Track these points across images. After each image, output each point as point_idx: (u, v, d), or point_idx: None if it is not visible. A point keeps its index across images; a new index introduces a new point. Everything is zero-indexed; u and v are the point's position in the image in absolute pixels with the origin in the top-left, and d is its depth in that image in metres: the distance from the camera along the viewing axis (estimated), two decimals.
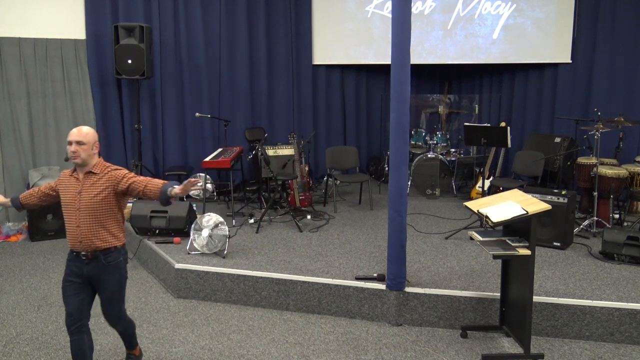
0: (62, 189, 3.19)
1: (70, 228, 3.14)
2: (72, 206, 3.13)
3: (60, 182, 3.23)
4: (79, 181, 3.15)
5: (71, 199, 3.14)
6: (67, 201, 3.15)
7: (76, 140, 3.10)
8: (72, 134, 3.13)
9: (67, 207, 3.15)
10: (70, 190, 3.16)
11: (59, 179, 3.25)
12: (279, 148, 7.17)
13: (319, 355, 3.82)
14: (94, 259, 3.14)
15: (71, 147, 3.10)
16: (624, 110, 6.26)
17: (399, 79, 3.98)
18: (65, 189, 3.17)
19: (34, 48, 6.44)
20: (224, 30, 7.44)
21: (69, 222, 3.14)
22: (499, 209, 3.62)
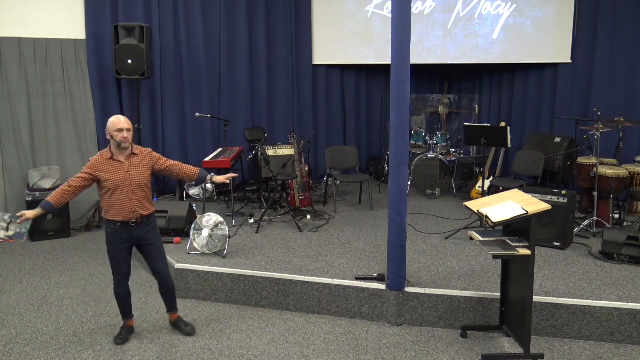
0: (104, 173, 3.67)
1: (122, 202, 3.70)
2: (123, 183, 3.69)
3: (97, 169, 3.68)
4: (123, 163, 3.72)
5: (121, 178, 3.69)
6: (115, 181, 3.68)
7: (127, 127, 3.69)
8: (121, 122, 3.68)
9: (117, 186, 3.68)
10: (117, 172, 3.70)
11: (94, 167, 3.68)
12: (279, 148, 7.17)
13: (319, 355, 3.82)
14: (140, 224, 3.80)
15: (123, 133, 3.66)
16: (624, 110, 6.26)
17: (399, 79, 3.98)
18: (109, 172, 3.68)
19: (34, 48, 6.44)
20: (224, 30, 7.44)
21: (120, 198, 3.69)
22: (499, 209, 3.62)
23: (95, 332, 4.14)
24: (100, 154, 3.75)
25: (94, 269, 5.45)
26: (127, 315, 4.05)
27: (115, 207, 3.71)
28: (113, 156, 3.73)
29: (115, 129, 3.68)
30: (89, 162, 3.71)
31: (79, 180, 3.67)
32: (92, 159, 3.72)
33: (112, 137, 3.72)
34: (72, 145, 6.74)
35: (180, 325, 4.13)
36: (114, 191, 3.69)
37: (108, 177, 3.68)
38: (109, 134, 3.73)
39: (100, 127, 6.86)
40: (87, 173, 3.68)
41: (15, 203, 6.49)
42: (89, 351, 3.85)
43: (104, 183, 3.68)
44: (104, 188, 3.70)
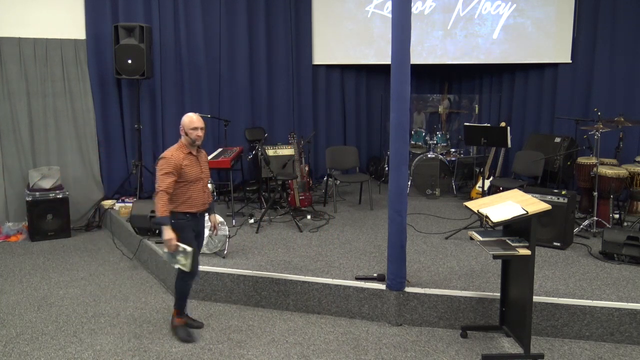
0: (185, 167, 3.83)
1: (197, 194, 3.91)
2: (199, 177, 3.92)
3: (180, 164, 3.80)
4: (196, 157, 3.92)
5: (198, 171, 3.91)
6: (194, 174, 3.88)
7: (201, 126, 3.86)
8: (195, 120, 3.84)
9: (195, 179, 3.88)
10: (195, 166, 3.90)
11: (177, 163, 3.78)
12: (279, 148, 7.18)
13: (319, 355, 3.82)
14: (201, 215, 4.04)
15: (197, 131, 3.83)
16: (624, 110, 6.27)
17: (399, 79, 3.98)
18: (189, 166, 3.85)
19: (34, 48, 6.44)
20: (224, 30, 7.44)
21: (196, 190, 3.90)
22: (499, 209, 3.62)
23: (95, 332, 4.14)
24: (177, 150, 3.84)
25: (94, 269, 5.45)
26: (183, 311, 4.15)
27: (191, 199, 3.87)
28: (190, 151, 3.89)
29: (191, 127, 3.83)
30: (168, 161, 3.77)
31: (171, 183, 3.76)
32: (171, 157, 3.79)
33: (186, 134, 3.85)
34: (72, 145, 6.74)
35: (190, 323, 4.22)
36: (192, 184, 3.86)
37: (189, 171, 3.83)
38: (184, 130, 3.85)
39: (100, 127, 6.87)
40: (173, 174, 3.77)
41: (15, 203, 6.49)
42: (89, 351, 3.85)
43: (184, 176, 3.82)
44: (181, 181, 3.82)
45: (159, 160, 3.84)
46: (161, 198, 3.73)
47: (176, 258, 3.84)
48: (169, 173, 3.76)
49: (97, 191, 6.90)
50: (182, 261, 3.85)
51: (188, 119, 3.86)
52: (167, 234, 3.75)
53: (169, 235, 3.75)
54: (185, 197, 3.86)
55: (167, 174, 3.75)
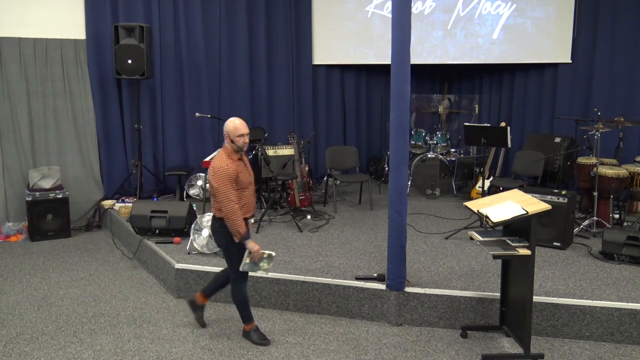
0: (239, 173, 3.74)
1: (248, 199, 3.84)
2: (250, 182, 3.86)
3: (235, 172, 3.69)
4: (244, 162, 3.86)
5: (248, 177, 3.85)
6: (246, 180, 3.81)
7: (247, 132, 3.75)
8: (241, 127, 3.72)
9: (247, 184, 3.82)
10: (245, 171, 3.83)
11: (234, 172, 3.68)
12: (279, 148, 7.17)
13: (319, 355, 3.82)
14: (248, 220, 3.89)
15: (244, 138, 3.73)
16: (624, 110, 6.27)
17: (399, 79, 3.98)
18: (242, 172, 3.77)
19: (34, 48, 6.44)
20: (224, 30, 7.44)
21: (248, 195, 3.84)
22: (499, 209, 3.62)
23: (95, 332, 4.14)
24: (227, 158, 3.71)
25: (94, 269, 5.45)
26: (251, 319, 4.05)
27: (245, 205, 3.80)
28: (240, 157, 3.81)
29: (238, 134, 3.71)
30: (225, 171, 3.64)
31: (234, 194, 3.67)
32: (225, 166, 3.65)
33: (232, 142, 3.73)
34: (72, 145, 6.74)
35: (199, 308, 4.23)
36: (243, 190, 3.78)
37: (242, 177, 3.76)
38: (229, 138, 3.72)
39: (100, 127, 6.86)
40: (233, 184, 3.67)
41: (15, 203, 6.49)
42: (89, 351, 3.85)
43: (238, 183, 3.73)
44: (237, 189, 3.72)
45: (215, 172, 3.67)
46: (237, 215, 3.64)
47: (259, 265, 3.84)
48: (230, 184, 3.64)
49: (97, 191, 6.90)
50: (265, 266, 3.86)
51: (233, 126, 3.72)
52: (252, 246, 3.74)
53: (255, 247, 3.75)
54: (241, 204, 3.75)
55: (229, 185, 3.64)
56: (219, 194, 3.66)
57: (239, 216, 3.66)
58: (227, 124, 3.75)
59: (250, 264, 3.81)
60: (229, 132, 3.72)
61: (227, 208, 3.64)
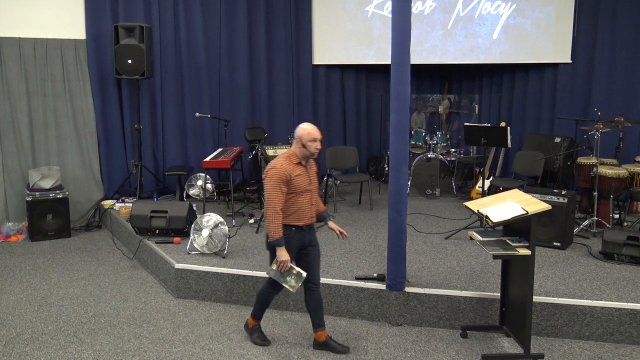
0: (295, 177, 3.61)
1: (305, 207, 3.69)
2: (308, 189, 3.70)
3: (290, 175, 3.58)
4: (306, 169, 3.71)
5: (307, 182, 3.69)
6: (303, 185, 3.66)
7: (320, 137, 3.65)
8: (315, 132, 3.62)
9: (304, 190, 3.67)
10: (304, 177, 3.68)
11: (286, 175, 3.56)
12: (279, 148, 7.17)
13: (319, 355, 3.82)
14: (310, 227, 3.78)
15: (316, 143, 3.63)
16: (624, 110, 6.27)
17: (399, 79, 3.98)
18: (299, 177, 3.63)
19: (34, 48, 6.44)
20: (224, 30, 7.44)
21: (305, 203, 3.68)
22: (499, 209, 3.62)
23: (95, 332, 4.14)
24: (286, 160, 3.61)
25: (94, 269, 5.45)
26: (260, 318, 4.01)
27: (298, 212, 3.65)
28: (301, 161, 3.67)
29: (310, 138, 3.60)
30: (279, 172, 3.54)
31: (281, 198, 3.56)
32: (281, 167, 3.56)
33: (304, 146, 3.62)
34: (72, 145, 6.74)
35: (332, 345, 3.86)
36: (300, 195, 3.63)
37: (298, 182, 3.61)
38: (301, 142, 3.61)
39: (100, 127, 6.86)
40: (282, 188, 3.55)
41: (15, 203, 6.49)
42: (89, 351, 3.85)
43: (293, 187, 3.60)
44: (290, 193, 3.60)
45: (267, 171, 3.59)
46: (276, 217, 3.53)
47: (285, 278, 3.68)
48: (279, 185, 3.53)
49: (97, 191, 6.90)
50: (291, 282, 3.69)
51: (306, 131, 3.60)
52: (282, 255, 3.58)
53: (285, 257, 3.59)
54: (293, 210, 3.63)
55: (277, 186, 3.53)
56: (265, 194, 3.59)
57: (278, 219, 3.54)
58: (300, 128, 3.63)
59: (276, 271, 3.66)
60: (302, 136, 3.60)
61: (268, 208, 3.54)
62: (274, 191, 3.54)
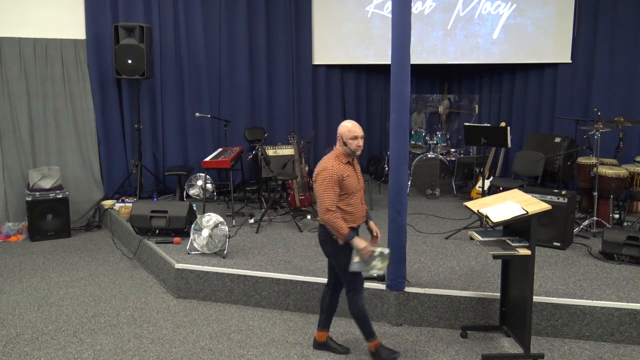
0: (346, 178, 3.51)
1: (357, 207, 3.59)
2: (357, 188, 3.60)
3: (341, 175, 3.48)
4: (354, 167, 3.61)
5: (357, 183, 3.60)
6: (354, 185, 3.56)
7: (362, 135, 3.54)
8: (356, 129, 3.51)
9: (355, 190, 3.57)
10: (354, 176, 3.58)
11: (339, 175, 3.47)
12: (279, 148, 7.17)
13: (319, 355, 3.82)
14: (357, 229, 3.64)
15: (358, 141, 3.51)
16: (624, 110, 6.26)
17: (399, 79, 3.98)
18: (349, 176, 3.54)
19: (34, 48, 6.44)
20: (224, 30, 7.44)
21: (356, 203, 3.58)
22: (499, 209, 3.62)
23: (95, 332, 4.14)
24: (335, 160, 3.52)
25: (94, 269, 5.45)
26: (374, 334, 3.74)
27: (350, 213, 3.54)
28: (349, 160, 3.58)
29: (351, 136, 3.50)
30: (331, 173, 3.44)
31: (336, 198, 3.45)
32: (332, 169, 3.45)
33: (344, 144, 3.53)
34: (72, 145, 6.74)
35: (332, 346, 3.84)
36: (351, 196, 3.53)
37: (349, 182, 3.51)
38: (342, 140, 3.53)
39: (100, 127, 6.86)
40: (335, 187, 3.44)
41: (15, 203, 6.49)
42: (89, 351, 3.85)
43: (344, 188, 3.49)
44: (341, 194, 3.49)
45: (318, 172, 3.50)
46: (335, 218, 3.42)
47: (370, 265, 3.51)
48: (332, 186, 3.42)
49: (97, 191, 6.90)
50: (378, 265, 3.53)
51: (347, 128, 3.52)
52: (360, 244, 3.45)
53: (362, 244, 3.46)
54: (346, 211, 3.51)
55: (330, 188, 3.42)
56: (318, 196, 3.47)
57: (337, 216, 3.44)
58: (341, 126, 3.56)
59: (359, 263, 3.47)
60: (342, 134, 3.53)
61: (324, 211, 3.44)
62: (327, 192, 3.43)
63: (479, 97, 8.43)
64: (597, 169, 5.57)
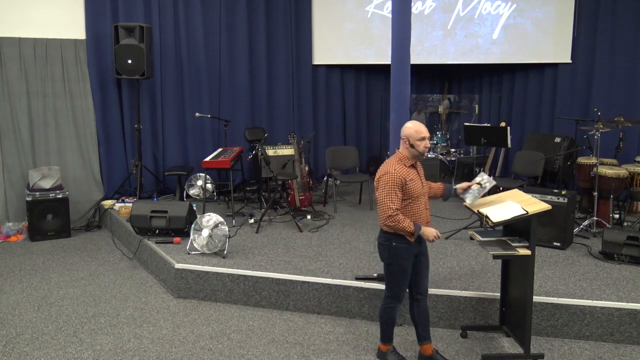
0: (410, 182, 3.38)
1: (420, 212, 3.46)
2: (421, 192, 3.47)
3: (405, 179, 3.36)
4: (417, 171, 3.49)
5: (421, 187, 3.47)
6: (418, 189, 3.43)
7: (428, 136, 3.42)
8: (424, 130, 3.39)
9: (419, 194, 3.45)
10: (417, 180, 3.46)
11: (403, 178, 3.35)
12: (279, 148, 7.17)
13: (319, 355, 3.82)
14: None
15: (425, 142, 3.39)
16: (624, 110, 6.26)
17: (399, 79, 3.99)
18: (413, 180, 3.41)
19: (34, 48, 6.44)
20: (224, 30, 7.44)
21: (420, 208, 3.46)
22: (499, 209, 3.62)
23: (95, 332, 4.14)
24: (398, 163, 3.39)
25: (94, 269, 5.45)
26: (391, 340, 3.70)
27: (413, 218, 3.41)
28: (413, 163, 3.45)
29: (419, 137, 3.36)
30: (393, 177, 3.31)
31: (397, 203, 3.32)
32: (394, 173, 3.33)
33: (412, 146, 3.39)
34: (72, 145, 6.74)
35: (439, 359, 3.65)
36: (415, 201, 3.41)
37: (413, 186, 3.38)
38: (408, 142, 3.39)
39: (100, 127, 6.86)
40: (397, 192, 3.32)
41: (15, 203, 6.49)
42: (89, 351, 3.85)
43: (408, 193, 3.37)
44: (405, 199, 3.37)
45: (379, 177, 3.38)
46: (398, 221, 3.30)
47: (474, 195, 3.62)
48: (395, 191, 3.30)
49: (97, 191, 6.90)
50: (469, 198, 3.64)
51: (414, 130, 3.37)
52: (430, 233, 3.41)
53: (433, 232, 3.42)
54: (409, 216, 3.39)
55: (393, 192, 3.30)
56: (379, 201, 3.35)
57: (400, 217, 3.31)
58: (406, 127, 3.42)
59: (471, 194, 3.63)
60: (409, 135, 3.37)
61: (385, 217, 3.32)
62: (388, 197, 3.31)
63: (479, 97, 8.44)
64: (597, 169, 5.57)
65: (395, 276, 3.51)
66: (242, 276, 4.60)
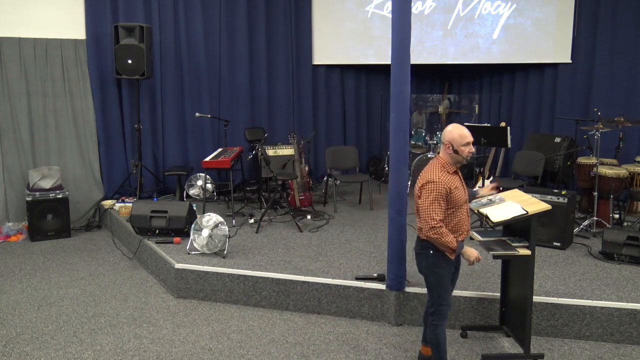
0: (454, 190, 3.24)
1: (464, 220, 3.33)
2: (465, 200, 3.34)
3: (448, 188, 3.20)
4: (459, 177, 3.34)
5: (464, 194, 3.34)
6: (462, 198, 3.31)
7: (472, 140, 3.29)
8: (468, 133, 3.26)
9: (462, 202, 3.31)
10: (461, 188, 3.33)
11: (447, 187, 3.19)
12: (279, 148, 7.17)
13: (319, 355, 3.82)
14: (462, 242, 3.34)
15: (469, 147, 3.27)
16: (624, 110, 6.26)
17: (399, 79, 3.98)
18: (457, 188, 3.27)
19: (34, 48, 6.44)
20: (224, 30, 7.44)
21: (462, 216, 3.32)
22: (499, 209, 3.62)
23: (95, 332, 4.14)
24: (442, 171, 3.24)
25: (94, 269, 5.45)
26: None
27: (456, 227, 3.29)
28: (456, 170, 3.33)
29: (464, 142, 3.22)
30: (438, 186, 3.16)
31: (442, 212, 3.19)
32: (439, 182, 3.17)
33: (455, 152, 3.25)
34: (72, 145, 6.73)
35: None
36: (458, 210, 3.27)
37: (457, 195, 3.24)
38: (451, 148, 3.25)
39: (100, 127, 6.86)
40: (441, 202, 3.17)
41: (15, 203, 6.49)
42: (89, 351, 3.85)
43: (452, 201, 3.23)
44: (448, 207, 3.23)
45: (422, 184, 3.22)
46: (442, 234, 3.15)
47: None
48: (439, 201, 3.15)
49: (97, 191, 6.90)
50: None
51: (458, 134, 3.23)
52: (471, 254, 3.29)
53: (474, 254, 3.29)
54: (452, 225, 3.26)
55: (437, 202, 3.15)
56: (421, 210, 3.19)
57: (444, 230, 3.16)
58: (449, 132, 3.27)
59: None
60: (453, 140, 3.23)
61: (428, 228, 3.17)
62: (431, 207, 3.15)
63: (479, 97, 8.43)
64: (597, 169, 5.57)
65: (435, 288, 3.34)
66: (242, 276, 4.60)
